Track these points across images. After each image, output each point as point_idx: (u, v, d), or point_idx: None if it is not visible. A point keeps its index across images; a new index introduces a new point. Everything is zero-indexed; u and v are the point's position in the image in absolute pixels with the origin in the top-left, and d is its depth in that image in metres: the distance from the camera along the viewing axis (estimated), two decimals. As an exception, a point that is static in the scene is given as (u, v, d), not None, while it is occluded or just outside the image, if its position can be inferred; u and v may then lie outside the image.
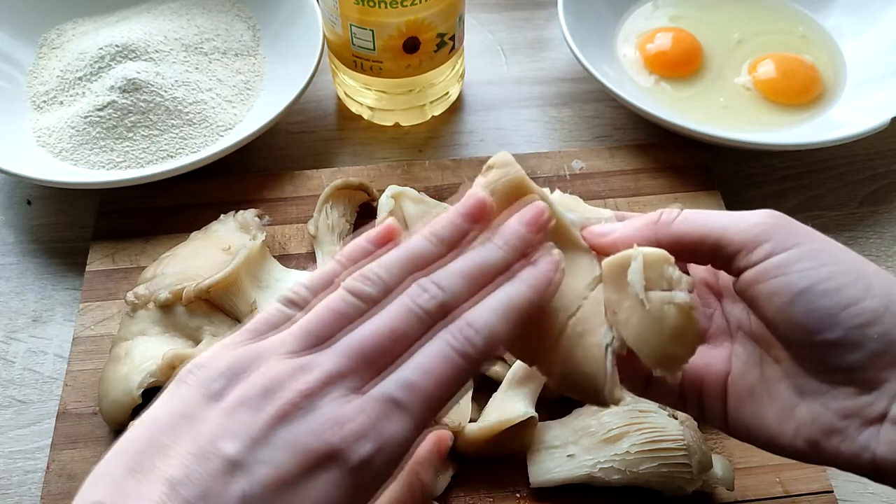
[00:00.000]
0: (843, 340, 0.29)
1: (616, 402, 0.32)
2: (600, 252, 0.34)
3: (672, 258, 0.31)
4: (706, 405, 0.35)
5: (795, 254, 0.30)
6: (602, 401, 0.32)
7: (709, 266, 0.34)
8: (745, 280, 0.31)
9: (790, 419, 0.31)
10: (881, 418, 0.29)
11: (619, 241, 0.33)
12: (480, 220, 0.32)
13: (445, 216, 0.32)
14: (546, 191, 0.35)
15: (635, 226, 0.33)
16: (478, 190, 0.33)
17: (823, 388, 0.31)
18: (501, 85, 0.74)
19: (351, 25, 0.61)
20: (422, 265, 0.30)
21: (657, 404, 0.47)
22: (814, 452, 0.31)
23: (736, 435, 0.34)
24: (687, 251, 0.32)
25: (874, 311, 0.29)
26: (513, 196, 0.33)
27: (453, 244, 0.31)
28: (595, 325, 0.32)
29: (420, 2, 0.58)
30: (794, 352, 0.31)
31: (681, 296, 0.30)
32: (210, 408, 0.27)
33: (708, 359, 0.35)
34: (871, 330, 0.29)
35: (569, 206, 0.35)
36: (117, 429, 0.50)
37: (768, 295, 0.30)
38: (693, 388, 0.35)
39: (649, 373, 0.33)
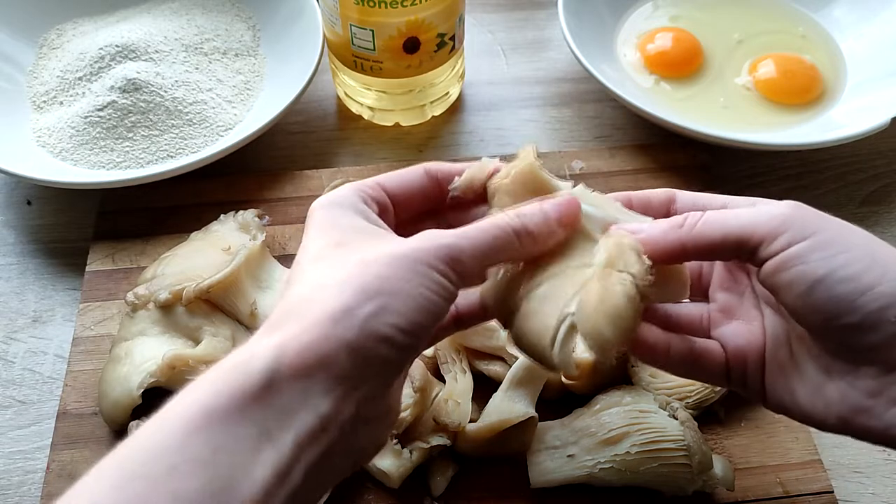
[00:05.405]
0: (862, 323, 0.31)
1: (564, 368, 0.33)
2: None
3: (641, 248, 0.33)
4: (749, 381, 0.36)
5: (812, 243, 0.31)
6: (549, 363, 0.33)
7: None
8: (766, 270, 0.32)
9: (820, 397, 0.33)
10: None
11: (644, 242, 0.34)
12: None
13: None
14: (568, 184, 0.37)
15: (661, 228, 0.34)
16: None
17: (849, 368, 0.32)
18: (501, 85, 0.74)
19: (351, 25, 0.61)
20: None
21: (657, 404, 0.47)
22: (846, 428, 0.33)
23: (774, 410, 0.36)
24: (712, 252, 0.34)
25: (891, 294, 0.30)
26: (530, 184, 0.36)
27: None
28: (562, 294, 0.33)
29: (420, 2, 0.58)
30: (817, 335, 0.33)
31: (629, 279, 0.32)
32: None
33: (748, 335, 0.37)
34: (889, 312, 0.30)
35: (597, 204, 0.37)
36: (117, 429, 0.50)
37: (788, 283, 0.32)
38: (738, 364, 0.37)
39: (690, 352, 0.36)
